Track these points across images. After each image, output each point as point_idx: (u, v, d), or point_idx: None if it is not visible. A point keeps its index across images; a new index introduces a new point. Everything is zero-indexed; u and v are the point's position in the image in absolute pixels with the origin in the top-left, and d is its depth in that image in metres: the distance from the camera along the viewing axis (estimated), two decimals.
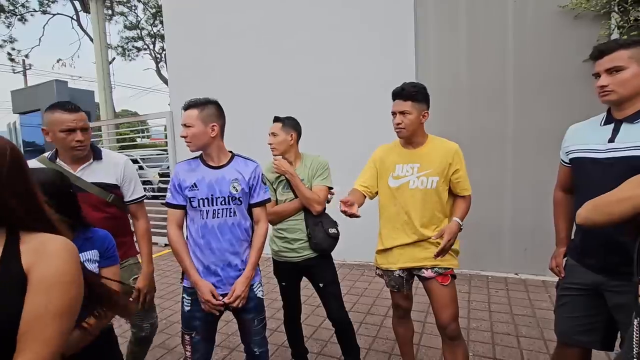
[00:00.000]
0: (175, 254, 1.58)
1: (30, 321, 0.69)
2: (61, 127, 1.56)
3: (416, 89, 1.69)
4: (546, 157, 3.41)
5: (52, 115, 1.57)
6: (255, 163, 1.71)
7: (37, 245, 0.75)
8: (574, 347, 1.46)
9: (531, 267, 3.60)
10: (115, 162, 1.76)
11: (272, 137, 1.98)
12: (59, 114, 1.57)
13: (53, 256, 0.75)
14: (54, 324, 0.71)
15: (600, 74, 1.29)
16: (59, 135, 1.57)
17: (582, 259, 1.39)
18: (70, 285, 0.76)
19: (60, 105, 1.59)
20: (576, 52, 3.27)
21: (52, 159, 1.65)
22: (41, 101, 8.27)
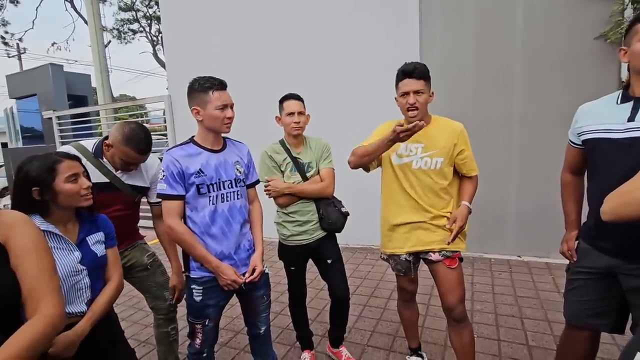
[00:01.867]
0: (185, 244, 1.48)
1: (32, 279, 0.82)
2: (128, 161, 1.64)
3: (426, 67, 1.64)
4: (554, 140, 3.34)
5: (125, 149, 1.59)
6: (245, 145, 1.72)
7: None
8: (584, 330, 1.44)
9: (535, 249, 3.59)
10: (153, 165, 1.82)
11: (298, 116, 1.87)
12: (132, 152, 1.61)
13: (22, 225, 0.88)
14: (53, 279, 0.87)
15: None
16: (119, 161, 1.64)
17: (596, 242, 1.35)
18: (46, 248, 0.91)
19: (136, 144, 1.60)
20: (587, 29, 3.16)
21: (98, 155, 1.67)
22: (37, 85, 8.11)
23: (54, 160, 1.14)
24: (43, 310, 0.81)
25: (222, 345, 2.40)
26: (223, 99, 1.48)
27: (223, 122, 1.50)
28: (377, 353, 2.24)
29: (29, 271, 0.83)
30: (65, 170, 1.15)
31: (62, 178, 1.13)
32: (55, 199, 1.13)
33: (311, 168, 1.95)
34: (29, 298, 0.81)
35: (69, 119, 7.10)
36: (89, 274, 1.18)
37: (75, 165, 1.19)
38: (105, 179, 1.65)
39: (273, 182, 1.89)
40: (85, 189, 1.19)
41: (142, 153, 1.64)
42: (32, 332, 0.76)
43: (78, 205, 1.19)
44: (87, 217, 1.26)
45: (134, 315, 2.89)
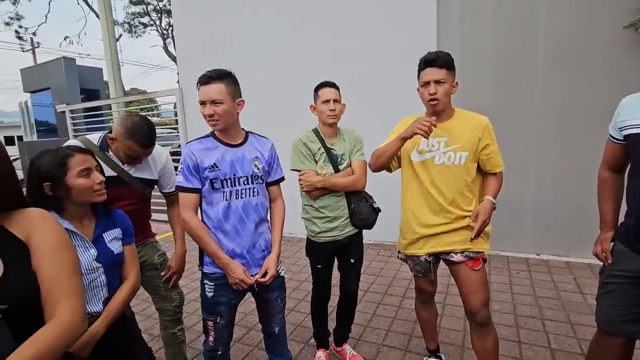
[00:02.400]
0: (200, 240, 1.46)
1: (51, 280, 0.78)
2: (132, 154, 1.60)
3: (450, 56, 1.55)
4: (577, 134, 3.21)
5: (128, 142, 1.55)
6: (269, 140, 1.65)
7: (20, 219, 0.82)
8: (618, 336, 1.36)
9: (554, 247, 3.48)
10: (159, 158, 1.78)
11: (333, 103, 1.81)
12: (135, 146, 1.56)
13: (44, 222, 0.84)
14: (73, 277, 0.82)
15: None
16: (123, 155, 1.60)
17: (635, 244, 1.26)
18: (69, 245, 0.86)
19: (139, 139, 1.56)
20: (617, 17, 2.99)
21: (104, 149, 1.63)
22: (51, 79, 8.20)
23: (64, 155, 1.11)
24: (59, 314, 0.76)
25: (235, 341, 2.38)
26: (202, 95, 1.41)
27: (206, 118, 1.44)
28: (393, 353, 2.19)
29: (47, 272, 0.79)
30: (77, 164, 1.11)
31: (74, 173, 1.10)
32: (68, 194, 1.10)
33: (344, 160, 1.88)
34: (47, 301, 0.77)
35: (82, 113, 7.16)
36: (105, 271, 1.15)
37: (87, 159, 1.15)
38: (113, 172, 1.62)
39: (306, 175, 1.83)
40: (99, 183, 1.15)
41: (146, 147, 1.59)
42: (42, 340, 0.71)
43: (91, 200, 1.15)
44: (103, 213, 1.22)
45: (147, 310, 2.89)
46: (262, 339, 1.78)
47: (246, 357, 2.23)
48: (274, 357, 1.74)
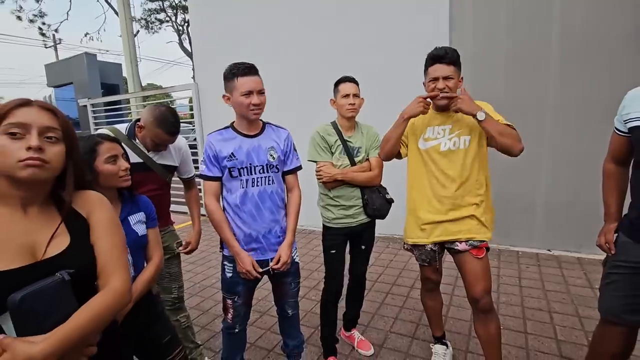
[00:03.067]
0: (216, 225, 1.56)
1: (107, 253, 0.89)
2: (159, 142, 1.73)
3: (457, 52, 1.61)
4: (590, 129, 3.18)
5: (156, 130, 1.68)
6: (286, 130, 1.73)
7: (84, 198, 0.93)
8: (620, 326, 1.40)
9: (565, 243, 3.47)
10: (179, 145, 1.92)
11: (353, 98, 1.89)
12: (162, 134, 1.69)
13: (102, 204, 0.95)
14: (124, 254, 0.94)
15: None
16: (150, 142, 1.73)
17: (638, 235, 1.29)
18: (120, 225, 0.98)
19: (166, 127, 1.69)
20: (634, 11, 2.94)
21: (131, 136, 1.75)
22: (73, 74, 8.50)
23: (95, 142, 1.21)
24: (112, 284, 0.87)
25: (249, 324, 2.46)
26: (248, 85, 1.49)
27: (249, 108, 1.51)
28: (400, 339, 2.26)
29: (104, 246, 0.90)
30: (105, 151, 1.21)
31: (102, 159, 1.20)
32: (95, 178, 1.19)
33: (360, 154, 1.95)
34: (102, 272, 0.88)
35: (102, 107, 7.41)
36: (131, 252, 1.24)
37: (115, 147, 1.25)
38: (138, 159, 1.74)
39: (325, 167, 1.90)
40: (124, 170, 1.24)
41: (172, 134, 1.72)
42: (97, 306, 0.82)
43: (117, 185, 1.25)
44: (128, 197, 1.32)
45: None
46: (274, 322, 1.88)
47: (259, 339, 2.34)
48: (288, 339, 1.84)
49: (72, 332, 0.76)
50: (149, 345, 1.31)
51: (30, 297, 0.73)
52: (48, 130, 0.80)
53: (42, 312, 0.75)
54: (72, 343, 0.75)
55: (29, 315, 0.73)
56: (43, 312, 0.75)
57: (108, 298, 0.85)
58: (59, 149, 0.82)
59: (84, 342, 0.81)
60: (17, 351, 0.69)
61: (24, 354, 0.69)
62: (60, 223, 0.85)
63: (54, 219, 0.86)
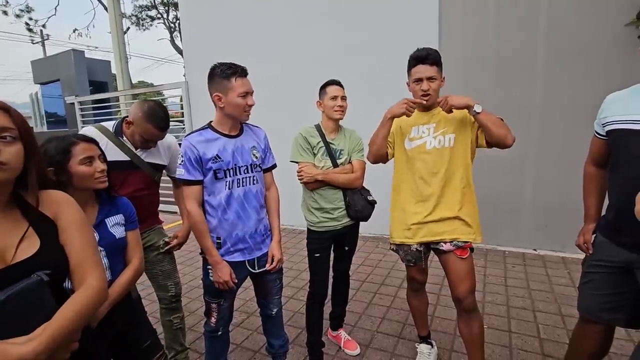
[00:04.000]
0: (199, 234, 1.53)
1: (80, 253, 0.90)
2: (148, 137, 1.70)
3: (438, 53, 1.63)
4: (576, 130, 3.23)
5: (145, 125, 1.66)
6: (263, 130, 1.75)
7: (49, 199, 0.91)
8: (598, 324, 1.43)
9: (551, 243, 3.52)
10: (168, 144, 1.89)
11: (342, 100, 1.91)
12: (152, 129, 1.67)
13: (69, 204, 0.94)
14: (97, 252, 0.95)
15: None
16: (139, 138, 1.70)
17: (614, 235, 1.32)
18: (89, 226, 0.97)
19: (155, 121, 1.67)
20: (618, 15, 3.00)
21: (118, 134, 1.72)
22: (60, 71, 8.35)
23: (70, 142, 1.18)
24: (89, 282, 0.88)
25: (235, 325, 2.48)
26: (246, 87, 1.50)
27: (244, 109, 1.52)
28: (387, 339, 2.28)
29: (76, 245, 0.90)
30: (80, 152, 1.18)
31: (77, 160, 1.16)
32: (70, 180, 1.16)
33: (342, 156, 1.95)
34: (77, 270, 0.88)
35: (90, 104, 7.30)
36: (108, 255, 1.21)
37: (91, 147, 1.21)
38: (126, 157, 1.70)
39: (306, 167, 1.91)
40: (100, 172, 1.21)
41: (161, 129, 1.69)
42: (79, 303, 0.83)
43: (92, 187, 1.21)
44: (106, 199, 1.29)
45: (153, 295, 3.00)
46: (261, 323, 1.87)
47: (246, 340, 2.33)
48: (272, 339, 1.83)
49: (60, 329, 0.77)
50: (128, 350, 1.29)
51: (13, 297, 0.74)
52: (2, 130, 0.78)
53: (24, 312, 0.76)
54: (60, 340, 0.77)
55: (11, 316, 0.74)
56: (25, 312, 0.76)
57: (88, 295, 0.86)
58: (15, 149, 0.80)
59: (70, 339, 0.83)
60: (8, 352, 0.69)
61: (16, 355, 0.70)
62: (29, 226, 0.84)
63: (19, 222, 0.84)
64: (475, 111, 1.54)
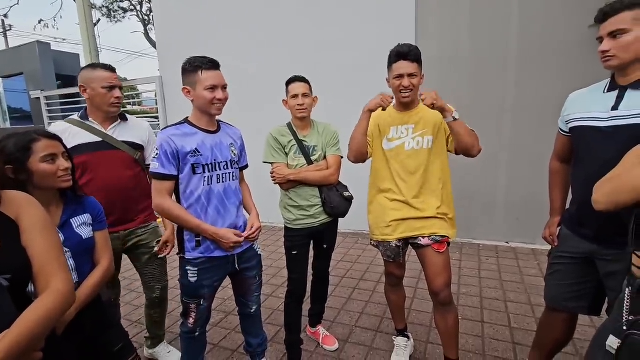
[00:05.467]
0: (178, 219, 1.48)
1: (43, 256, 0.86)
2: (103, 83, 1.67)
3: (419, 50, 1.65)
4: (546, 128, 3.34)
5: (93, 72, 1.68)
6: (238, 129, 1.75)
7: (9, 199, 0.87)
8: (563, 312, 1.50)
9: (522, 236, 3.67)
10: (141, 125, 1.89)
11: (302, 98, 1.86)
12: (101, 71, 1.68)
13: (31, 205, 0.90)
14: (62, 255, 0.91)
15: (603, 38, 1.23)
16: (100, 91, 1.67)
17: (577, 228, 1.39)
18: (53, 226, 0.94)
19: (101, 65, 1.72)
20: (583, 17, 3.13)
21: (83, 118, 1.73)
22: (24, 64, 7.89)
23: (30, 139, 1.11)
24: (54, 286, 0.83)
25: (213, 325, 2.45)
26: (213, 80, 1.46)
27: (212, 102, 1.48)
28: (365, 333, 2.31)
29: (39, 248, 0.86)
30: (42, 149, 1.12)
31: (38, 157, 1.10)
32: (30, 179, 1.10)
33: (316, 152, 1.94)
34: (41, 274, 0.84)
35: (58, 99, 6.96)
36: (74, 256, 1.16)
37: (53, 144, 1.15)
38: (97, 138, 1.69)
39: (277, 168, 1.89)
40: (64, 170, 1.15)
41: (111, 70, 1.71)
42: (43, 308, 0.79)
43: (55, 186, 1.15)
44: (72, 198, 1.23)
45: (126, 297, 2.92)
46: (239, 323, 1.85)
47: (223, 340, 2.30)
48: (250, 338, 1.82)
49: (21, 337, 0.73)
50: (99, 354, 1.25)
51: None
52: None
53: None
54: (21, 349, 0.73)
55: None
56: None
57: (53, 300, 0.82)
58: None
59: (32, 348, 0.79)
60: None
61: None
62: None
63: None
64: (454, 117, 1.57)
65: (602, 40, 1.24)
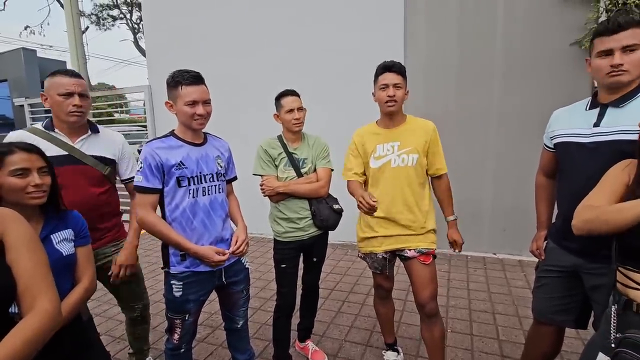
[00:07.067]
0: (161, 234, 1.45)
1: (29, 274, 0.82)
2: (59, 90, 1.54)
3: (404, 67, 1.71)
4: (529, 140, 3.45)
5: (52, 79, 1.57)
6: (226, 142, 1.74)
7: None
8: (550, 326, 1.51)
9: (509, 247, 3.72)
10: (113, 138, 1.76)
11: (297, 112, 1.86)
12: (59, 77, 1.56)
13: (16, 221, 0.87)
14: (49, 273, 0.88)
15: (613, 51, 1.18)
16: (57, 99, 1.54)
17: (562, 242, 1.41)
18: (39, 243, 0.91)
19: (61, 70, 1.60)
20: (564, 35, 3.26)
21: (48, 128, 1.60)
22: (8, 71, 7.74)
23: (4, 151, 1.07)
24: (40, 306, 0.80)
25: (199, 341, 2.38)
26: (193, 95, 1.45)
27: (193, 118, 1.47)
28: (355, 348, 2.28)
29: (25, 266, 0.83)
30: (14, 162, 1.06)
31: (7, 171, 1.05)
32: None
33: (306, 164, 1.93)
34: (26, 293, 0.80)
35: (42, 107, 6.81)
36: (54, 273, 1.11)
37: (30, 158, 1.09)
38: (62, 151, 1.57)
39: (267, 180, 1.88)
40: (34, 186, 1.09)
41: (72, 75, 1.59)
42: (29, 329, 0.76)
43: (22, 202, 1.09)
44: (53, 213, 1.18)
45: (109, 311, 2.82)
46: (225, 338, 1.81)
47: (210, 356, 2.24)
48: (237, 354, 1.77)
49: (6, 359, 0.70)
50: None
51: None
52: None
53: None
54: None
55: None
56: None
57: (39, 320, 0.78)
58: None
59: None
60: None
61: None
62: None
63: None
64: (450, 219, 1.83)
65: (608, 53, 1.19)
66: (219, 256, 1.50)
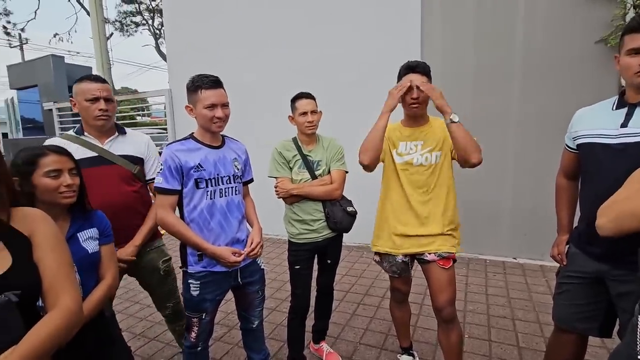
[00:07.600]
0: (179, 234, 1.50)
1: (54, 273, 0.86)
2: (86, 95, 1.64)
3: (429, 66, 1.68)
4: (550, 142, 3.34)
5: (79, 85, 1.65)
6: (242, 144, 1.77)
7: (24, 216, 0.88)
8: (572, 334, 1.46)
9: (529, 251, 3.61)
10: (140, 138, 1.84)
11: (311, 115, 1.88)
12: (85, 83, 1.65)
13: (44, 222, 0.91)
14: (72, 272, 0.91)
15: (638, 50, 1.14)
16: (84, 104, 1.64)
17: (585, 247, 1.36)
18: (65, 243, 0.95)
19: (87, 76, 1.69)
20: (588, 33, 3.15)
21: (79, 133, 1.70)
22: (38, 76, 8.12)
23: (36, 153, 1.14)
24: (62, 303, 0.84)
25: (216, 339, 2.42)
26: (212, 99, 1.49)
27: (212, 121, 1.51)
28: (369, 351, 2.26)
29: (50, 265, 0.86)
30: (47, 164, 1.13)
31: (42, 172, 1.12)
32: (34, 192, 1.12)
33: (320, 167, 1.94)
34: (50, 291, 0.84)
35: (70, 111, 7.10)
36: (79, 271, 1.16)
37: (61, 160, 1.16)
38: (93, 153, 1.66)
39: (281, 182, 1.91)
40: (67, 186, 1.16)
41: (97, 80, 1.68)
42: (52, 324, 0.79)
43: (56, 201, 1.16)
44: (79, 213, 1.24)
45: (130, 308, 2.91)
46: (241, 337, 1.83)
47: (226, 355, 2.28)
48: (253, 354, 1.80)
49: (29, 353, 0.73)
50: None
51: None
52: None
53: None
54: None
55: None
56: None
57: (62, 317, 0.82)
58: None
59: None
60: None
61: None
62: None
63: None
64: (451, 119, 1.56)
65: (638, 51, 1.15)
66: (235, 257, 1.54)
